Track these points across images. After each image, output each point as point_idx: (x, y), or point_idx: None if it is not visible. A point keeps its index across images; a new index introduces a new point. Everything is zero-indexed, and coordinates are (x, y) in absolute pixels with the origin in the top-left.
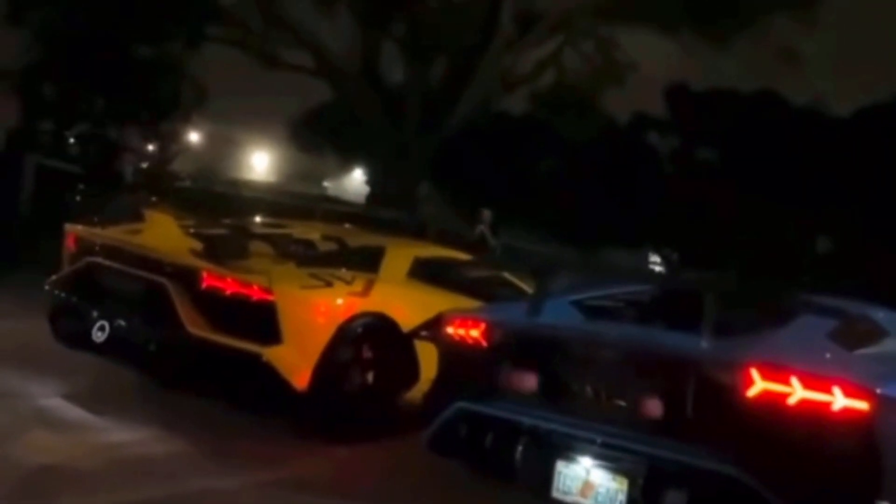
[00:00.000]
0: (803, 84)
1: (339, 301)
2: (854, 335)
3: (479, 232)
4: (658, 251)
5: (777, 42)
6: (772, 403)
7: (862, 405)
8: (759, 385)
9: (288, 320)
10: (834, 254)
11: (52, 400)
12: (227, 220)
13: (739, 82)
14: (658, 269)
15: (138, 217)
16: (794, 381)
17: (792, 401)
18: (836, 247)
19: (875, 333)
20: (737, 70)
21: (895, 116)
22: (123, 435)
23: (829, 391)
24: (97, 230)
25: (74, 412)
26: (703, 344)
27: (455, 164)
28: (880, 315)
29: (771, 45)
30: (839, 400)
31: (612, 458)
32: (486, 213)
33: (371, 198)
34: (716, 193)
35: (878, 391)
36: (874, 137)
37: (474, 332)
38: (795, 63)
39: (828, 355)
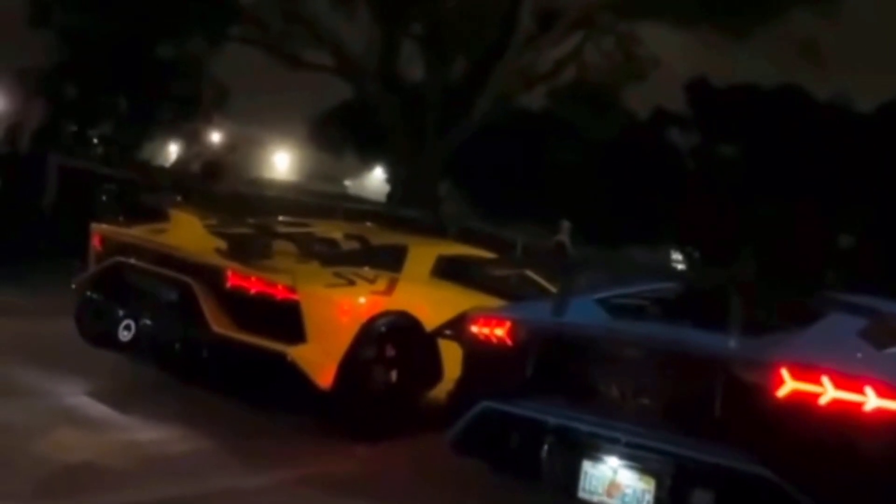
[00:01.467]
0: (826, 79)
1: (363, 300)
2: (885, 333)
3: (558, 241)
4: (680, 248)
5: (799, 36)
6: (802, 403)
7: (895, 405)
8: (789, 385)
9: (312, 319)
10: (856, 250)
11: (77, 398)
12: (250, 220)
13: (761, 77)
14: (680, 266)
15: (163, 216)
16: (825, 380)
17: (823, 401)
18: (858, 243)
19: None
20: (758, 65)
21: None
22: (148, 433)
23: (861, 391)
24: (123, 229)
25: (99, 410)
26: (731, 343)
27: (475, 162)
28: None
29: (793, 40)
30: (872, 400)
31: (638, 458)
32: (566, 225)
33: (391, 196)
34: (737, 190)
35: None
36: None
37: (499, 331)
38: (817, 58)
39: (859, 354)
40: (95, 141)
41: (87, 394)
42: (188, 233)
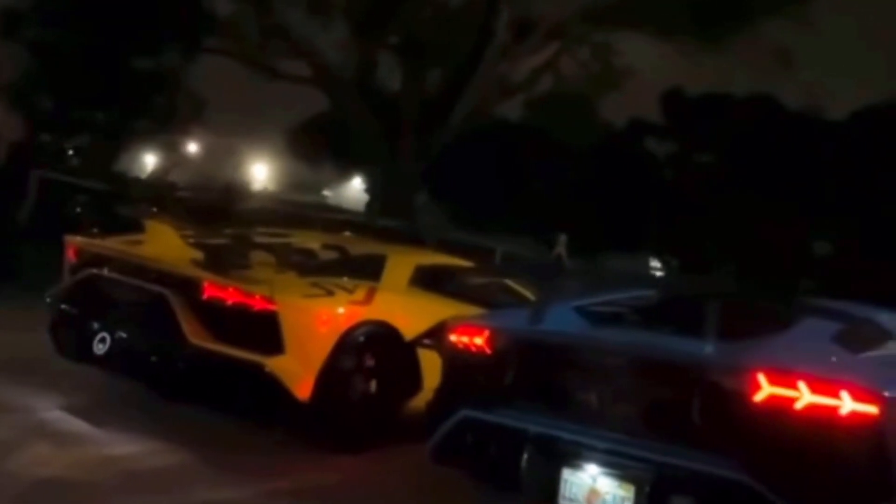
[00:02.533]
0: (799, 87)
1: (341, 310)
2: (859, 338)
3: (556, 254)
4: (658, 256)
5: (772, 44)
6: (779, 408)
7: (871, 409)
8: (766, 390)
9: (290, 330)
10: (832, 257)
11: (52, 413)
12: (227, 230)
13: (737, 86)
14: (658, 273)
15: (139, 227)
16: (802, 385)
17: (800, 405)
18: (834, 250)
19: (879, 336)
20: (734, 74)
21: (890, 119)
22: (125, 447)
23: (837, 395)
24: (97, 241)
25: (75, 425)
26: (708, 349)
27: (453, 172)
28: (883, 317)
29: (766, 48)
30: (847, 404)
31: (618, 466)
32: (563, 237)
33: (370, 206)
34: (713, 198)
35: (887, 394)
36: (870, 140)
37: (478, 340)
38: (790, 65)
39: (834, 359)
40: (71, 153)
41: (61, 408)
42: (164, 243)
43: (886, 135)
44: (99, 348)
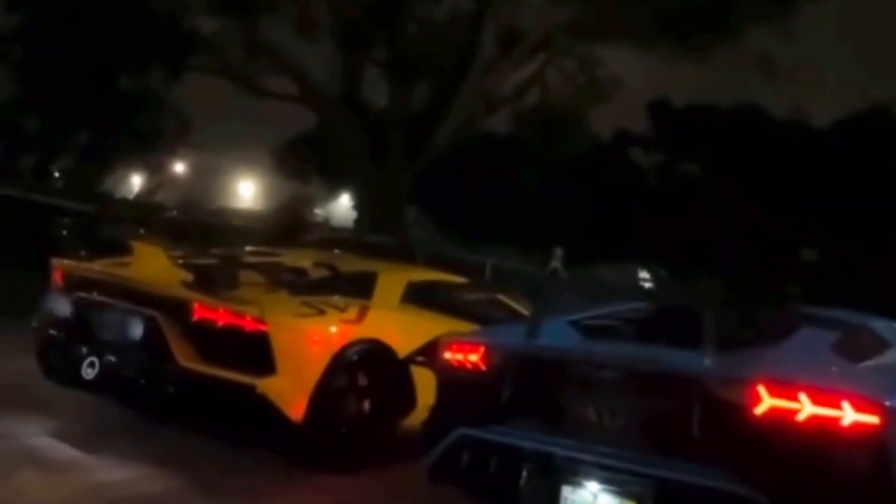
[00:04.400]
0: (784, 96)
1: (333, 329)
2: (857, 347)
3: (552, 268)
4: (646, 266)
5: (756, 54)
6: (780, 420)
7: (872, 419)
8: (767, 402)
9: (282, 350)
10: (819, 263)
11: (40, 439)
12: (216, 250)
13: (724, 96)
14: (648, 285)
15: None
16: (803, 396)
17: (801, 417)
18: (820, 256)
19: (877, 344)
20: (720, 84)
21: (872, 127)
22: (115, 473)
23: (838, 406)
24: (85, 264)
25: (64, 451)
26: (707, 361)
27: (442, 187)
28: (879, 325)
29: (751, 58)
30: (849, 414)
31: (618, 482)
32: (559, 252)
33: (358, 223)
34: (699, 208)
35: (888, 404)
36: (853, 148)
37: (472, 357)
38: (774, 75)
39: (834, 369)
40: (56, 175)
41: (50, 434)
42: (152, 265)
43: (868, 143)
44: (88, 373)
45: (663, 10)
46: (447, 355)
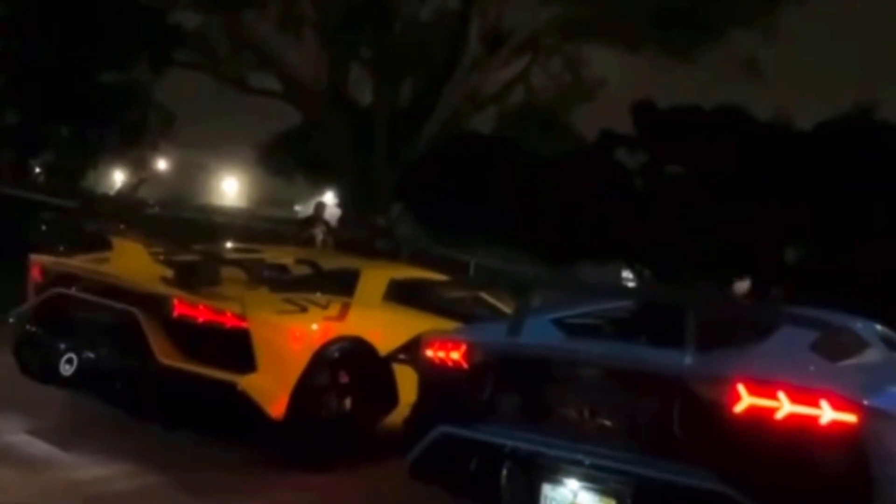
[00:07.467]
0: (768, 98)
1: (315, 326)
2: (837, 346)
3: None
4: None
5: (741, 56)
6: (759, 419)
7: (850, 418)
8: (746, 400)
9: (263, 347)
10: (803, 264)
11: (17, 436)
12: (197, 247)
13: (708, 97)
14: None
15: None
16: (782, 395)
17: (780, 415)
18: (805, 257)
19: (856, 344)
20: (705, 85)
21: (854, 130)
22: (94, 471)
23: (816, 405)
24: (64, 259)
25: (41, 448)
26: (687, 359)
27: (426, 184)
28: (859, 325)
29: (736, 59)
30: (827, 413)
31: (598, 480)
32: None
33: (343, 220)
34: (685, 207)
35: (866, 403)
36: (835, 151)
37: (454, 354)
38: (759, 77)
39: (812, 368)
40: (38, 170)
41: (27, 431)
42: (132, 261)
43: (850, 146)
44: (66, 369)
45: (649, 11)
46: (429, 353)
